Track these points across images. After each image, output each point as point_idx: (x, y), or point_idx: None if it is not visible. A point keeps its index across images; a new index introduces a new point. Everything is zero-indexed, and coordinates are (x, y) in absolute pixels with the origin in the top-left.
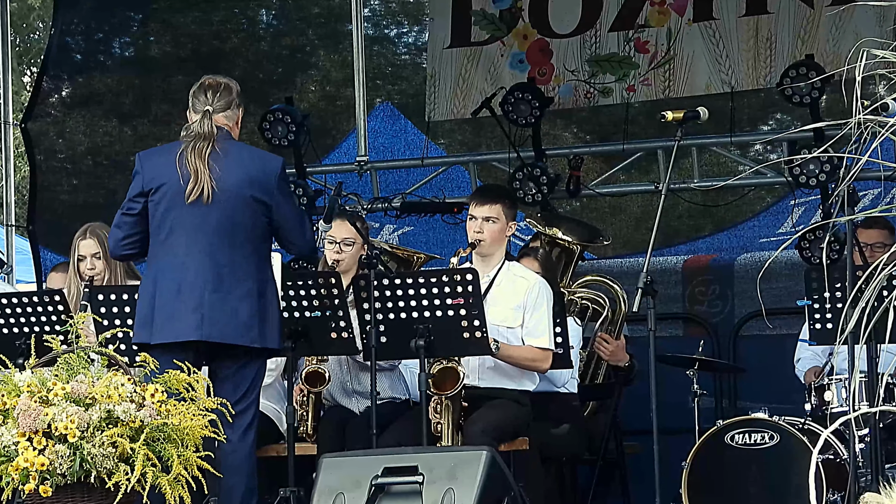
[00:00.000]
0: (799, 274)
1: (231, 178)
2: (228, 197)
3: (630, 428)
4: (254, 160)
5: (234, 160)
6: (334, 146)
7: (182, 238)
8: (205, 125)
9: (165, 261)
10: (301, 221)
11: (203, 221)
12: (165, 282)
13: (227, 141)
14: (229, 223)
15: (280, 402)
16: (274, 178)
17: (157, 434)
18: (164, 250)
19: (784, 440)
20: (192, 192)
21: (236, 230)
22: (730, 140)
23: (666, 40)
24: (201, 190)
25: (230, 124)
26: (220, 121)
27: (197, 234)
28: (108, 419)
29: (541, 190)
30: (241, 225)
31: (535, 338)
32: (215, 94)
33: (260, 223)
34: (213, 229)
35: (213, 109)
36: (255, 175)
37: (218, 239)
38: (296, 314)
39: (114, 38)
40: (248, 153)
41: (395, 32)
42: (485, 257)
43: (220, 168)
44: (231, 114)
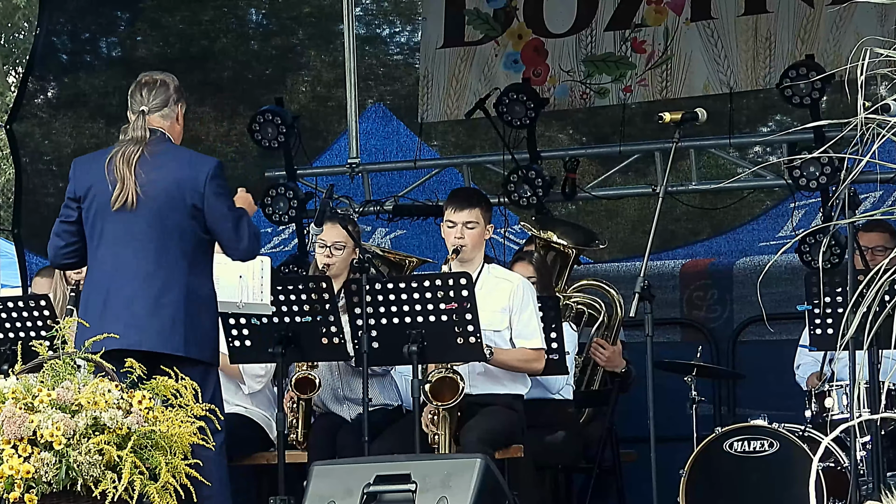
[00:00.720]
0: (799, 278)
1: (159, 184)
2: (156, 203)
3: (627, 435)
4: (184, 164)
5: (163, 165)
6: (325, 148)
7: (111, 246)
8: (137, 129)
9: (97, 269)
10: (236, 223)
11: (130, 229)
12: (96, 291)
13: (161, 144)
14: (157, 230)
15: (270, 409)
16: (204, 181)
17: (144, 441)
18: (96, 259)
19: (784, 448)
20: (118, 200)
21: (164, 237)
22: (728, 142)
23: (663, 40)
24: (126, 197)
25: (167, 123)
26: (156, 122)
27: (125, 242)
28: (94, 426)
29: (535, 193)
30: (170, 232)
31: (526, 339)
32: (150, 91)
33: (190, 229)
34: (140, 237)
35: (149, 109)
36: (184, 179)
37: (144, 247)
38: (286, 319)
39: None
40: (179, 156)
41: (387, 32)
42: (465, 262)
43: (147, 174)
44: (168, 111)
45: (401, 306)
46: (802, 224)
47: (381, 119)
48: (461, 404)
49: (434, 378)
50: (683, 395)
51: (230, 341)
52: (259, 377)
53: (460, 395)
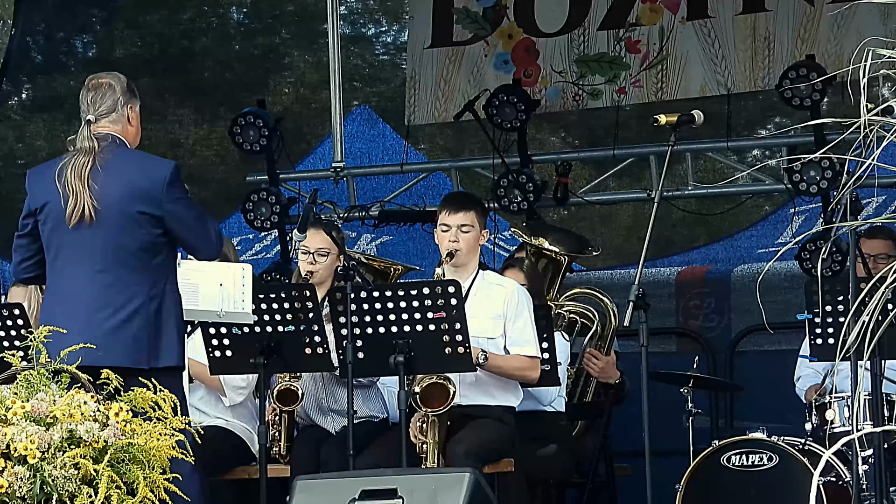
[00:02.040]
0: (799, 286)
1: (113, 195)
2: (111, 215)
3: (621, 449)
4: (138, 171)
5: (116, 174)
6: (309, 151)
7: (68, 260)
8: (84, 139)
9: (55, 285)
10: (201, 224)
11: (87, 242)
12: (55, 307)
13: (112, 151)
14: (114, 242)
15: (251, 422)
16: (161, 188)
17: (121, 455)
18: (53, 274)
19: (783, 461)
20: (73, 216)
21: (122, 249)
22: (726, 145)
23: (658, 40)
24: (81, 212)
25: (118, 128)
26: (105, 128)
27: (81, 256)
28: (70, 439)
29: (526, 198)
30: (128, 243)
31: (521, 346)
32: (97, 97)
33: (149, 237)
34: (97, 250)
35: (95, 117)
36: (139, 187)
37: (103, 259)
38: (268, 329)
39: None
40: (132, 163)
41: (372, 31)
42: (458, 267)
43: (100, 185)
44: (117, 116)
45: (387, 315)
46: (802, 230)
47: (367, 121)
48: (450, 415)
49: (424, 383)
50: (679, 407)
51: (210, 351)
52: (240, 389)
53: (451, 401)
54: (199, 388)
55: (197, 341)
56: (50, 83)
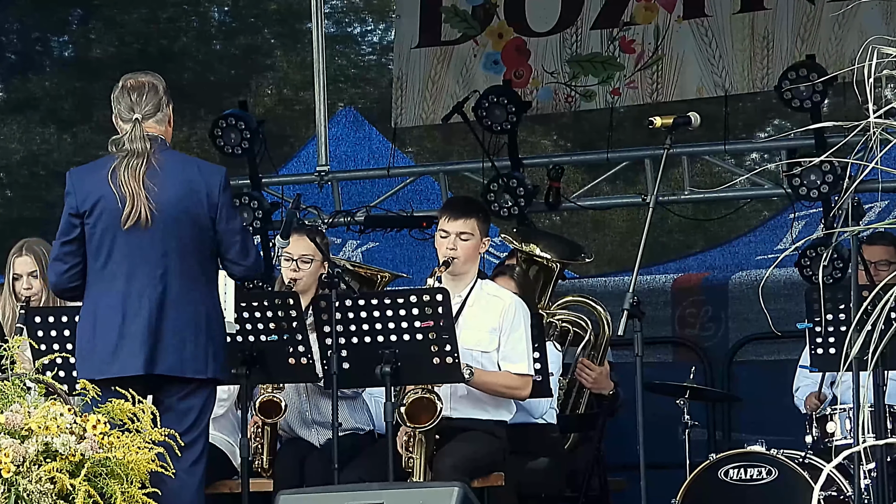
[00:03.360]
0: (799, 294)
1: (171, 196)
2: (170, 216)
3: (615, 462)
4: (195, 172)
5: (173, 174)
6: (292, 155)
7: (122, 264)
8: (136, 140)
9: (105, 290)
10: (246, 239)
11: (144, 245)
12: (107, 312)
13: (164, 152)
14: (173, 245)
15: (233, 434)
16: (218, 191)
17: (99, 469)
18: (103, 278)
19: (783, 475)
20: (130, 217)
21: (181, 252)
22: (723, 148)
23: (653, 39)
24: (139, 214)
25: (162, 128)
26: (152, 128)
27: (138, 259)
28: (45, 453)
29: (517, 203)
30: (186, 246)
31: (513, 363)
32: (141, 97)
33: (206, 241)
34: (155, 253)
35: (143, 116)
36: (197, 188)
37: (161, 263)
38: (250, 338)
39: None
40: (188, 164)
41: (358, 31)
42: (456, 276)
43: (157, 186)
44: (161, 116)
45: (373, 324)
46: (802, 236)
47: (352, 124)
48: (439, 428)
49: (410, 399)
50: (675, 419)
51: None
52: (222, 400)
53: (438, 418)
54: None
55: None
56: (24, 83)
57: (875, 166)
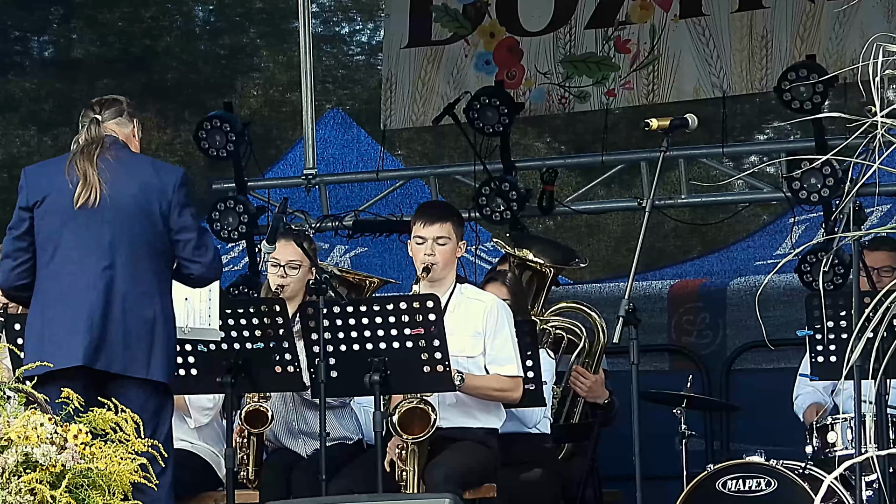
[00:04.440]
0: (799, 300)
1: (125, 188)
2: (123, 208)
3: (610, 473)
4: (150, 169)
5: (129, 168)
6: (279, 157)
7: (70, 256)
8: (92, 130)
9: (52, 283)
10: (202, 236)
11: (95, 236)
12: (53, 306)
13: (121, 150)
14: (123, 238)
15: (218, 444)
16: (172, 189)
17: (80, 480)
18: (50, 271)
19: (782, 487)
20: (80, 196)
21: (131, 246)
22: (721, 151)
23: (649, 39)
24: (90, 193)
25: (124, 132)
26: (111, 128)
27: (86, 249)
28: (25, 463)
29: (510, 207)
30: (137, 241)
31: (501, 365)
32: (102, 104)
33: (158, 240)
34: (106, 245)
35: (102, 119)
36: (152, 184)
37: (109, 255)
38: (235, 346)
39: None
40: (143, 163)
41: (346, 30)
42: (435, 282)
43: (112, 174)
44: (124, 120)
45: (362, 331)
46: (803, 241)
47: (340, 126)
48: (430, 437)
49: (403, 409)
50: (672, 428)
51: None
52: (206, 409)
53: (432, 428)
54: None
55: None
56: (4, 85)
57: (878, 167)
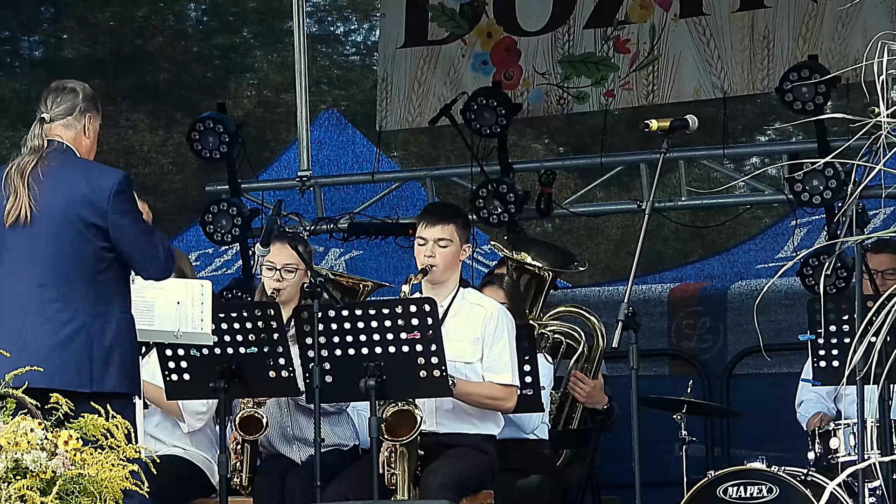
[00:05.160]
0: (801, 304)
1: (55, 200)
2: (53, 221)
3: (609, 480)
4: (84, 177)
5: (61, 179)
6: (273, 159)
7: (9, 269)
8: (34, 138)
9: None
10: (148, 241)
11: (27, 250)
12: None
13: (59, 157)
14: (56, 251)
15: (211, 450)
16: (107, 197)
17: (71, 486)
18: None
19: (784, 493)
20: (10, 214)
21: (64, 259)
22: (722, 152)
23: (649, 38)
24: (18, 212)
25: (70, 134)
26: (57, 131)
27: (21, 268)
28: (15, 470)
29: (507, 209)
30: (67, 254)
31: (496, 373)
32: (56, 98)
33: (93, 249)
34: (38, 259)
35: (50, 117)
36: (83, 194)
37: (40, 271)
38: (229, 350)
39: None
40: (78, 169)
41: (341, 30)
42: (436, 285)
43: (41, 188)
44: (72, 121)
45: (357, 336)
46: (805, 244)
47: (335, 127)
48: (425, 444)
49: (389, 412)
50: (672, 434)
51: (166, 375)
52: (200, 414)
53: (417, 430)
54: (155, 414)
55: (153, 364)
56: None
57: (882, 168)
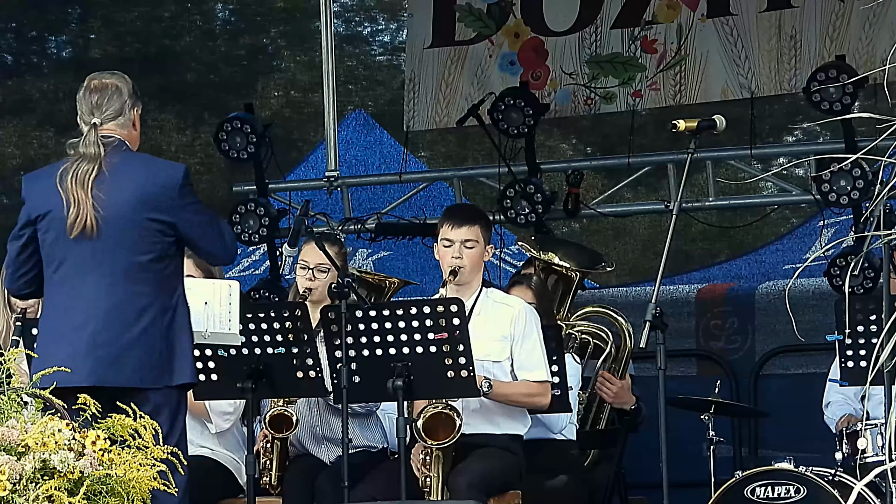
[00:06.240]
0: (828, 305)
1: (121, 202)
2: (119, 224)
3: (636, 480)
4: (148, 175)
5: (124, 179)
6: (300, 160)
7: (71, 273)
8: (90, 145)
9: (57, 299)
10: (214, 229)
11: (93, 254)
12: (57, 324)
13: (118, 154)
14: (123, 253)
15: (239, 451)
16: (173, 192)
17: (98, 487)
18: (54, 287)
19: (812, 494)
20: (76, 226)
21: (132, 260)
22: (750, 153)
23: (676, 38)
24: (84, 223)
25: (124, 132)
26: (110, 130)
27: (87, 269)
28: (43, 470)
29: (535, 209)
30: (137, 254)
31: (530, 370)
32: (103, 99)
33: (161, 246)
34: (104, 262)
35: (101, 120)
36: (149, 193)
37: (111, 272)
38: (256, 351)
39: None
40: (140, 167)
41: (369, 30)
42: (462, 286)
43: (105, 193)
44: (124, 120)
45: (385, 336)
46: (832, 244)
47: (363, 127)
48: (455, 444)
49: (428, 414)
50: (700, 435)
51: None
52: (227, 414)
53: (457, 433)
54: None
55: None
56: (21, 86)
57: None
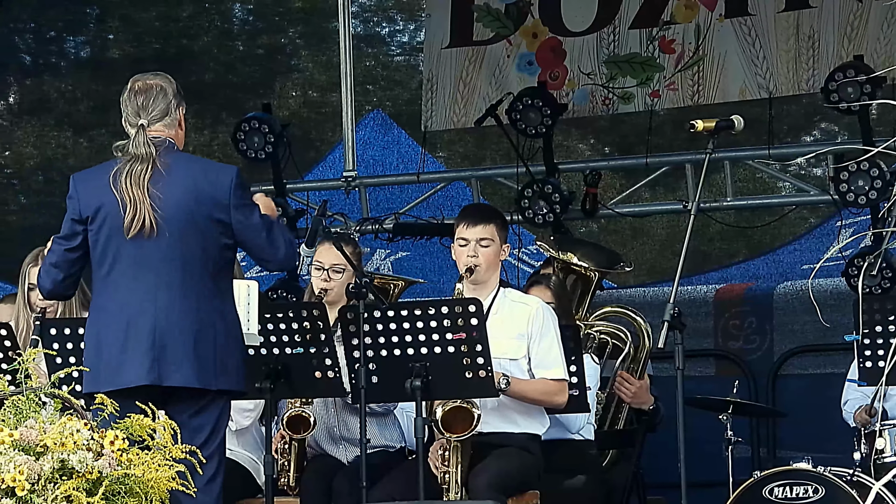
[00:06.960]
0: (847, 305)
1: (177, 202)
2: (176, 223)
3: (655, 480)
4: (203, 175)
5: (180, 179)
6: (318, 160)
7: (126, 272)
8: (140, 146)
9: (109, 299)
10: (269, 232)
11: (149, 253)
12: (111, 323)
13: (171, 154)
14: (179, 252)
15: (257, 451)
16: (228, 193)
17: (117, 487)
18: (107, 287)
19: (830, 494)
20: (133, 227)
21: (188, 259)
22: (768, 153)
23: (694, 39)
24: (142, 223)
25: (171, 132)
26: (160, 131)
27: (143, 268)
28: (61, 470)
29: (553, 209)
30: (194, 253)
31: (547, 368)
32: (148, 101)
33: (216, 246)
34: (161, 261)
35: (149, 122)
36: (205, 192)
37: (167, 271)
38: (275, 351)
39: (68, 36)
40: (195, 167)
41: (387, 30)
42: (478, 285)
43: (162, 192)
44: (170, 120)
45: (403, 336)
46: (850, 245)
47: (381, 127)
48: (472, 443)
49: (447, 407)
50: (718, 435)
51: None
52: (247, 411)
53: (476, 425)
54: None
55: None
56: (39, 85)
57: None
